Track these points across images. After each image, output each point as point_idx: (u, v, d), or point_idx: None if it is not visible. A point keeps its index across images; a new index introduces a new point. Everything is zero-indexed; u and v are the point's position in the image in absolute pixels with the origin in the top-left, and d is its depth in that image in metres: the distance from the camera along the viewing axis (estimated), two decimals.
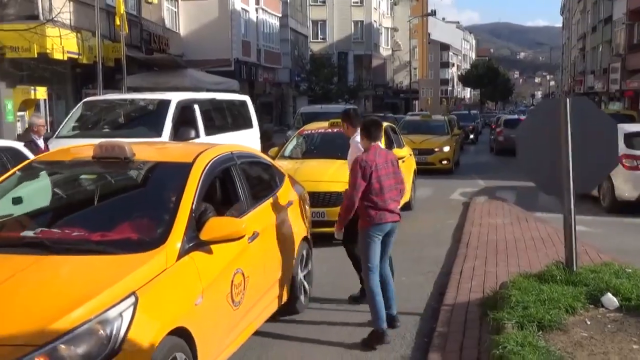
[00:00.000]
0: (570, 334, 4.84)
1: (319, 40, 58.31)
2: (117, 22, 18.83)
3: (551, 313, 5.01)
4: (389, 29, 70.91)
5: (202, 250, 4.35)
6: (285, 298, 5.97)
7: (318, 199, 9.04)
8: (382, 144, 10.27)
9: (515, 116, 35.19)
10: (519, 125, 7.03)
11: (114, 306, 3.47)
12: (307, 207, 7.06)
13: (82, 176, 5.39)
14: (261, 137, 15.09)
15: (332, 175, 9.53)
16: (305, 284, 6.54)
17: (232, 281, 4.63)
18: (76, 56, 19.20)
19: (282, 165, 9.57)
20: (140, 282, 3.71)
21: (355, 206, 5.63)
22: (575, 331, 4.89)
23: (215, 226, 4.38)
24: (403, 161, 11.15)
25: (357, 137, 6.72)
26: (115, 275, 3.72)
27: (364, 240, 5.69)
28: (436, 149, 19.51)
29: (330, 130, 11.34)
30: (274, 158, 10.79)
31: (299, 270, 6.35)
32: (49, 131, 18.28)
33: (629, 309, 5.26)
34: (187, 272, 4.14)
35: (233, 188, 5.37)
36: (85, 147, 5.21)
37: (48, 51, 17.21)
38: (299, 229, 6.45)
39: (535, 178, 6.43)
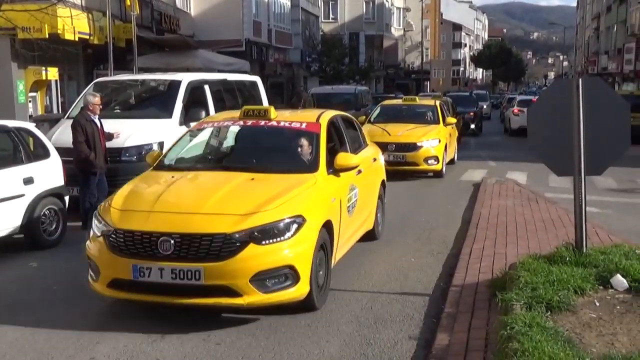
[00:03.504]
0: (578, 315, 4.85)
1: (330, 20, 57.87)
2: (128, 2, 18.79)
3: (560, 294, 5.02)
4: (401, 9, 70.23)
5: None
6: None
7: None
8: (322, 141, 6.86)
9: (515, 95, 43.26)
10: (530, 106, 6.99)
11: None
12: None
13: None
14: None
15: (212, 207, 5.61)
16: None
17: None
18: (87, 37, 19.21)
19: (142, 186, 6.50)
20: None
21: None
22: (584, 312, 4.90)
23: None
24: (360, 171, 7.27)
25: None
26: None
27: None
28: (420, 144, 14.32)
29: (243, 123, 7.24)
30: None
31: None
32: (59, 112, 18.36)
33: (638, 290, 5.26)
34: None
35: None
36: None
37: (59, 32, 17.22)
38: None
39: (546, 159, 6.40)
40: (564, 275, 5.39)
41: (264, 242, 5.34)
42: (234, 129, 7.62)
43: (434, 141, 14.58)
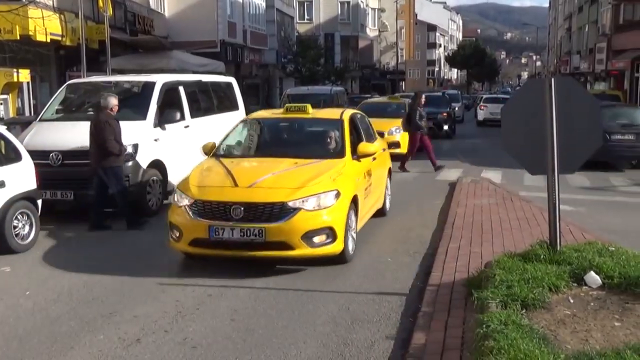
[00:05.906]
0: (553, 312, 4.89)
1: (305, 21, 57.88)
2: (101, 3, 18.61)
3: (535, 292, 5.06)
4: (376, 10, 70.46)
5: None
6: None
7: None
8: None
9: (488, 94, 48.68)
10: (504, 105, 7.04)
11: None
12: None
13: None
14: None
15: None
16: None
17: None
18: (59, 38, 18.98)
19: None
20: None
21: None
22: (558, 309, 4.95)
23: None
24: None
25: None
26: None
27: None
28: (293, 203, 6.95)
29: None
30: None
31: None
32: (31, 114, 18.07)
33: (611, 287, 5.33)
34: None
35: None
36: None
37: (30, 33, 17.00)
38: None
39: (520, 158, 6.45)
40: (539, 273, 5.44)
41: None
42: None
43: (327, 196, 7.20)
